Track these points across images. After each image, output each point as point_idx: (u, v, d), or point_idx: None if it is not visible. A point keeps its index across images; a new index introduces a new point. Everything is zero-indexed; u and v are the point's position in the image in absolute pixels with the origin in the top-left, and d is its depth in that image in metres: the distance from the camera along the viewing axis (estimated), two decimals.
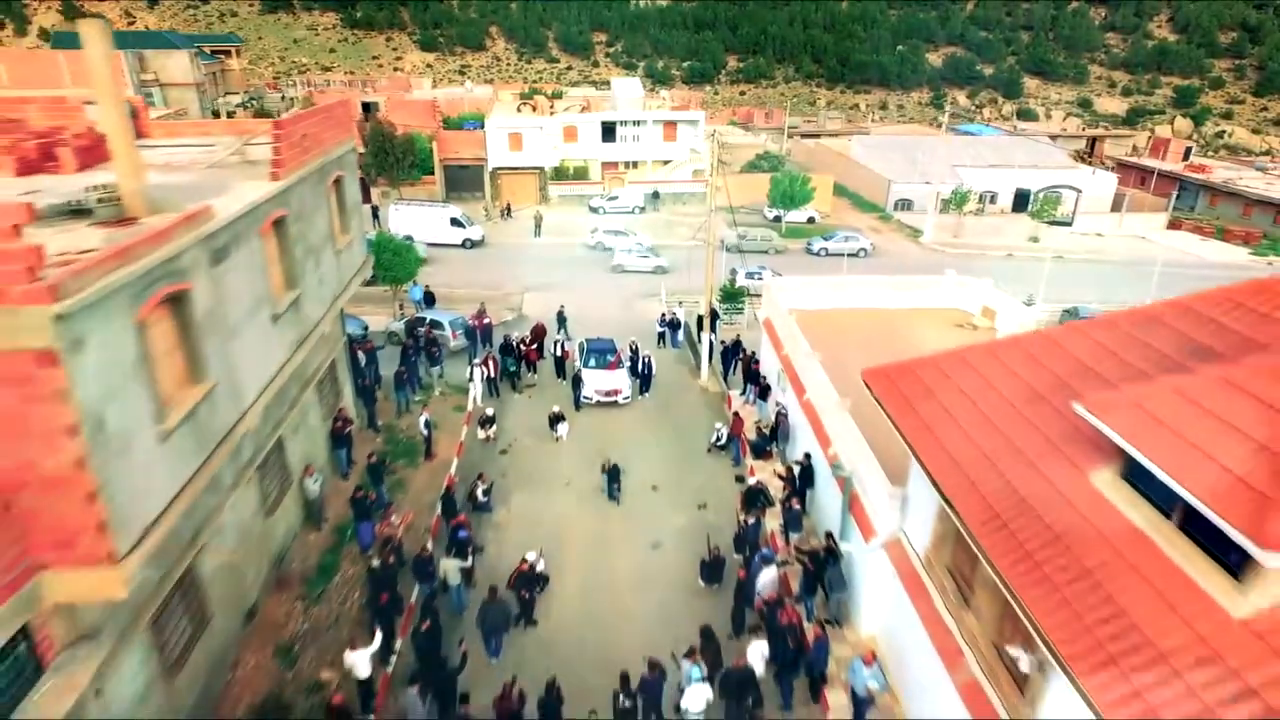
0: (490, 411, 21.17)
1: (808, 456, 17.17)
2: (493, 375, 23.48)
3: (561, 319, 27.36)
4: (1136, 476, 7.78)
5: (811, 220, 50.13)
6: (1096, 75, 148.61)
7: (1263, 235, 56.46)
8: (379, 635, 12.23)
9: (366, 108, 59.49)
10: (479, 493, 17.56)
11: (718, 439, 20.64)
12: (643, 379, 23.94)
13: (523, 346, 24.69)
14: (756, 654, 12.20)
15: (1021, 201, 58.82)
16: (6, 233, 6.78)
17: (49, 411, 7.35)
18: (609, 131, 54.72)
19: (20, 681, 7.98)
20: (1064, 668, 7.33)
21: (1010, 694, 9.26)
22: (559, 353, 25.03)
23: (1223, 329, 8.44)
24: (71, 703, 8.15)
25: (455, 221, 41.08)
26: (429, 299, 29.59)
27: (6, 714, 7.70)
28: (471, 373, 23.23)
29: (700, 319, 26.66)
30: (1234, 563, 6.60)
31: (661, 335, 28.17)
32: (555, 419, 21.12)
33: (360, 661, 11.92)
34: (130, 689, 9.64)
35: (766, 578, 13.89)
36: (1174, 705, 6.43)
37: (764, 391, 22.29)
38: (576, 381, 23.14)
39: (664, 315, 28.84)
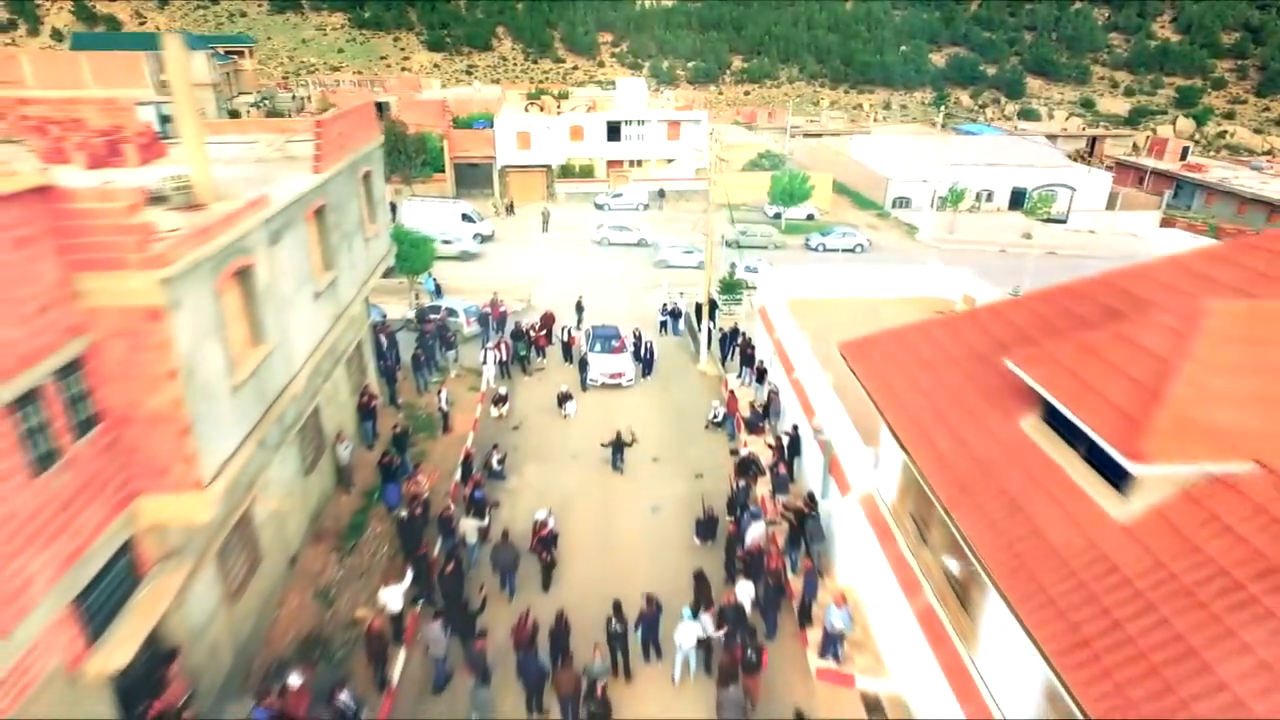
0: (503, 391, 22.79)
1: (795, 428, 18.74)
2: (504, 359, 25.13)
3: (580, 308, 29.02)
4: (1053, 418, 9.32)
5: (811, 217, 51.61)
6: (1099, 75, 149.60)
7: (1254, 233, 57.68)
8: (410, 574, 13.86)
9: (379, 107, 61.13)
10: (494, 462, 19.15)
11: (714, 416, 22.20)
12: (645, 363, 25.52)
13: (533, 332, 26.32)
14: (744, 593, 13.78)
15: (1018, 199, 60.17)
16: (127, 211, 8.37)
17: (154, 359, 8.95)
18: (614, 131, 56.38)
19: (124, 586, 9.61)
20: (989, 576, 8.88)
21: (956, 612, 10.81)
22: (566, 338, 26.66)
23: (1128, 295, 9.97)
24: (164, 607, 9.77)
25: (466, 217, 42.73)
26: (436, 289, 31.47)
27: (117, 609, 9.32)
28: (485, 356, 24.89)
29: (699, 307, 28.20)
30: (1118, 478, 8.14)
31: (664, 324, 29.75)
32: (563, 398, 22.71)
33: (393, 597, 13.54)
34: (203, 606, 11.27)
35: (755, 532, 15.43)
36: (1069, 596, 7.97)
37: (760, 375, 23.82)
38: (583, 364, 24.74)
39: (665, 305, 30.42)
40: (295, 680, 10.75)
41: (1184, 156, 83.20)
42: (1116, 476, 8.19)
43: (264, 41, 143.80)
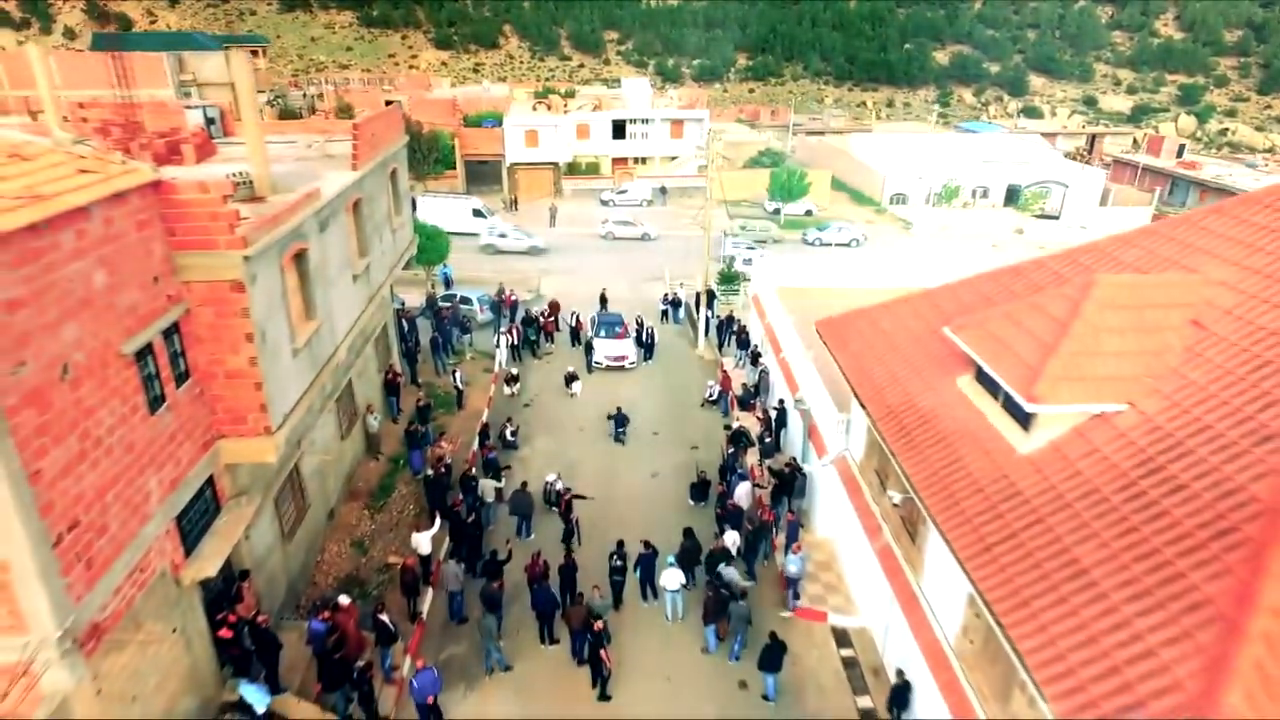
0: (515, 371, 24.73)
1: (781, 402, 20.61)
2: (516, 343, 27.07)
3: (603, 300, 30.77)
4: (980, 374, 11.16)
5: (809, 213, 53.34)
6: (1102, 73, 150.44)
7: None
8: (438, 521, 15.80)
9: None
10: (508, 433, 21.09)
11: (710, 395, 24.08)
12: (647, 347, 27.39)
13: (542, 319, 28.24)
14: (730, 539, 15.69)
15: (1012, 196, 61.69)
16: (220, 201, 10.27)
17: (236, 324, 10.86)
18: (619, 129, 58.26)
19: (209, 513, 11.55)
20: (920, 500, 10.74)
21: (907, 546, 12.66)
22: (574, 323, 28.59)
23: (1054, 274, 11.79)
24: (240, 533, 11.71)
25: (477, 212, 44.62)
26: (446, 280, 33.50)
27: (203, 531, 11.27)
28: (498, 340, 26.84)
29: (698, 297, 30.05)
30: (1024, 420, 9.98)
31: (665, 312, 31.59)
32: (570, 378, 24.62)
33: (423, 541, 15.49)
34: (263, 542, 13.22)
35: (742, 490, 17.33)
36: (982, 514, 9.83)
37: (754, 358, 25.66)
38: (589, 348, 26.65)
39: (667, 295, 32.26)
40: (345, 599, 12.68)
41: (1180, 154, 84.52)
42: (1023, 418, 10.03)
43: (273, 40, 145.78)
